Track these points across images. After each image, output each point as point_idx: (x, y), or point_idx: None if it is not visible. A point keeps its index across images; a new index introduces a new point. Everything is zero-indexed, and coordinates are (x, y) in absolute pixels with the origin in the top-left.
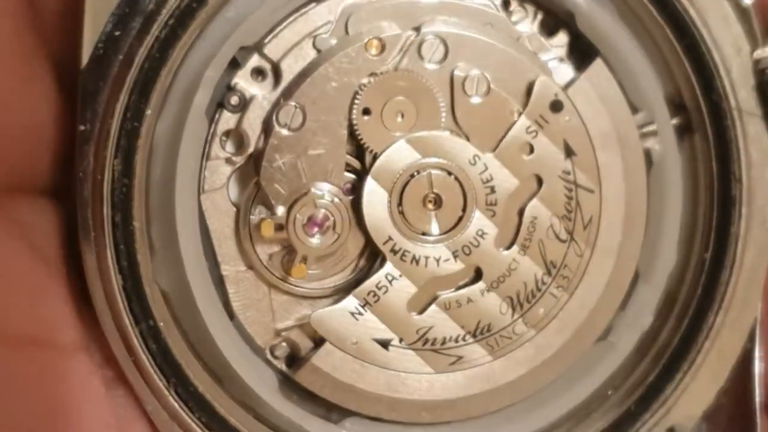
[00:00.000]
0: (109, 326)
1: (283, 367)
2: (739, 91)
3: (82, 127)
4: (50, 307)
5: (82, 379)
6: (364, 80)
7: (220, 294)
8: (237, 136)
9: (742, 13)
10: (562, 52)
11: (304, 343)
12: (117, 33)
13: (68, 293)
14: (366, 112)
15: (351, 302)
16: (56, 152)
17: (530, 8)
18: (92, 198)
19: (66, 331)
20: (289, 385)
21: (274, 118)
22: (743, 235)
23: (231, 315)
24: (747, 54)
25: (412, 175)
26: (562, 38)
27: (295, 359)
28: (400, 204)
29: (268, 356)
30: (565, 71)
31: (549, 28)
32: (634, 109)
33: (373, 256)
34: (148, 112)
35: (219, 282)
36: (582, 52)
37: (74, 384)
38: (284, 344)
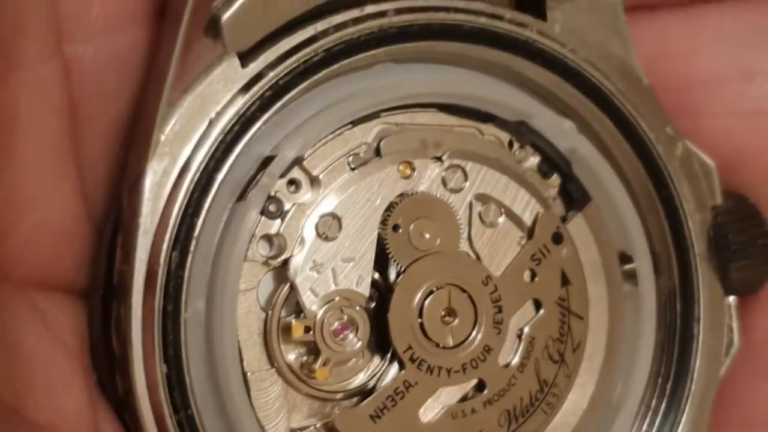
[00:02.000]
0: (147, 415)
1: None
2: (699, 240)
3: (140, 220)
4: (71, 397)
5: None
6: (395, 198)
7: (246, 390)
8: (273, 240)
9: (707, 173)
10: (555, 192)
11: None
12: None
13: (86, 386)
14: (396, 228)
15: (371, 405)
16: (77, 251)
17: (531, 150)
18: (146, 288)
19: (81, 424)
20: None
21: (313, 226)
22: (699, 370)
23: (254, 411)
24: (708, 209)
25: (432, 291)
26: (555, 180)
27: None
28: (420, 316)
29: None
30: (556, 209)
31: (544, 171)
32: (618, 248)
33: (387, 362)
34: (205, 207)
35: (244, 379)
36: (570, 195)
37: None
38: None
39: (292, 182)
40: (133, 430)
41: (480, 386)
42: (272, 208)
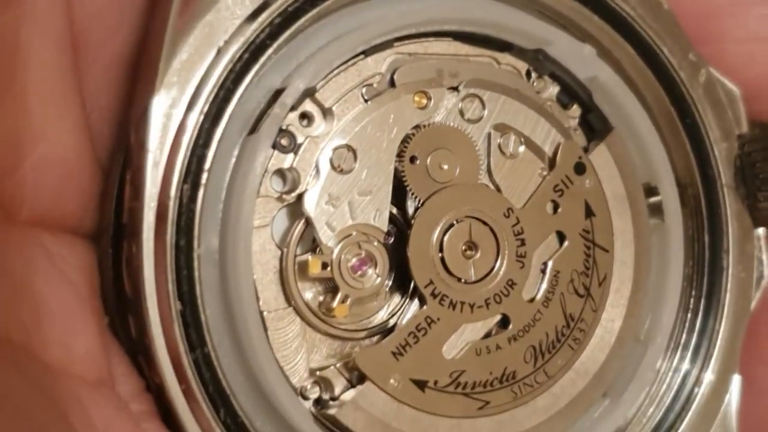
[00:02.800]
0: (162, 354)
1: (311, 408)
2: (726, 170)
3: (150, 153)
4: (82, 338)
5: (109, 414)
6: (412, 130)
7: (263, 330)
8: (287, 175)
9: (732, 100)
10: (575, 122)
11: (338, 384)
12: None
13: (97, 327)
14: (413, 159)
15: (393, 341)
16: (82, 191)
17: (549, 80)
18: (157, 222)
19: (95, 365)
20: (320, 426)
21: (327, 158)
22: (729, 304)
23: (271, 350)
24: (734, 138)
25: (453, 224)
26: (575, 110)
27: (325, 401)
28: (440, 250)
29: (299, 398)
30: (577, 140)
31: (563, 101)
32: (643, 180)
33: (408, 299)
34: (216, 137)
35: (261, 318)
36: (591, 125)
37: (100, 419)
38: (316, 385)
39: (305, 115)
40: (146, 370)
41: (504, 322)
42: (284, 141)
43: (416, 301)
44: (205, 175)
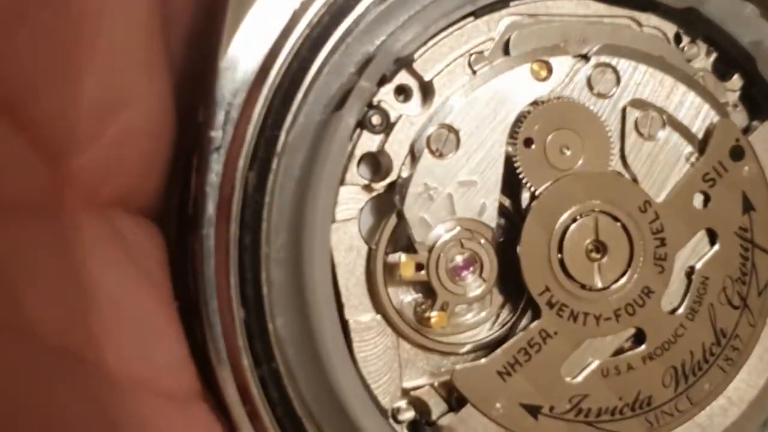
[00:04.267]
0: (224, 367)
1: None
2: None
3: (212, 134)
4: (164, 344)
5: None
6: (527, 107)
7: (345, 342)
8: (377, 159)
9: None
10: (735, 97)
11: (436, 406)
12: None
13: (179, 330)
14: (528, 143)
15: (499, 359)
16: (162, 168)
17: (703, 46)
18: (218, 215)
19: (181, 376)
20: None
21: (424, 141)
22: None
23: (356, 367)
24: None
25: (575, 219)
26: (736, 82)
27: (420, 425)
28: (560, 250)
29: (390, 420)
30: (737, 119)
31: (721, 71)
32: None
33: (518, 309)
34: (289, 119)
35: (344, 328)
36: (755, 101)
37: None
38: (410, 406)
39: (400, 89)
40: (211, 383)
41: (638, 337)
42: (375, 120)
43: (529, 312)
44: (275, 161)
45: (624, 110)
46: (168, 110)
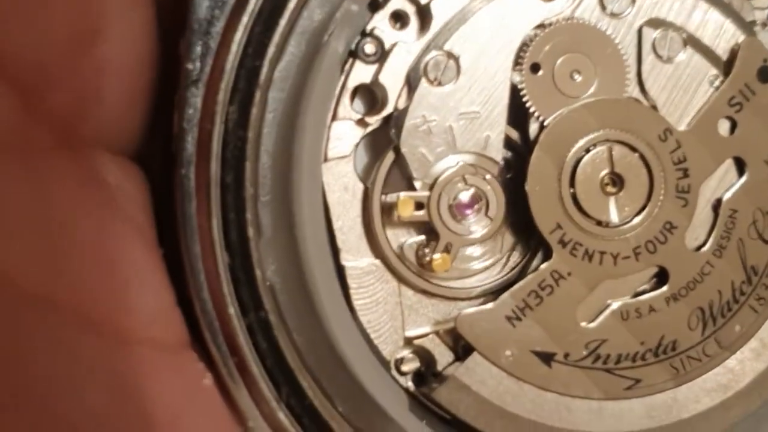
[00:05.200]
0: (209, 317)
1: (409, 384)
2: None
3: (189, 66)
4: (148, 292)
5: (191, 384)
6: (533, 30)
7: (342, 289)
8: (371, 92)
9: None
10: (764, 15)
11: (441, 356)
12: None
13: (165, 277)
14: (535, 68)
15: (507, 304)
16: (143, 105)
17: None
18: (198, 153)
19: (168, 325)
20: (417, 405)
21: (421, 69)
22: None
23: (353, 315)
24: None
25: (588, 150)
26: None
27: (425, 376)
28: (572, 185)
29: (393, 371)
30: (765, 39)
31: None
32: None
33: (529, 249)
34: (272, 49)
35: (339, 274)
36: None
37: (184, 391)
38: (414, 356)
39: (396, 15)
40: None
41: (661, 277)
42: (368, 48)
43: (540, 253)
44: (258, 93)
45: (640, 30)
46: (149, 41)
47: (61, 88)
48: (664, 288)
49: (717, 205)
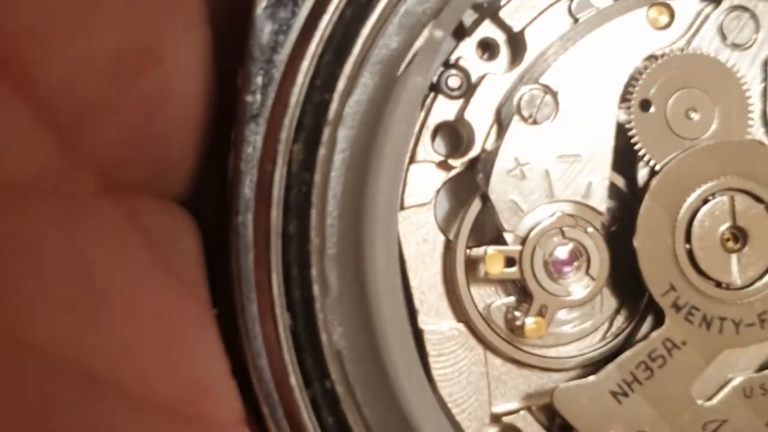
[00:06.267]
0: (267, 388)
1: None
2: None
3: (248, 98)
4: (197, 359)
5: None
6: (643, 62)
7: (419, 357)
8: (456, 130)
9: None
10: None
11: None
12: None
13: (218, 339)
14: (645, 105)
15: (613, 377)
16: (196, 142)
17: None
18: (257, 198)
19: (220, 398)
20: None
21: (514, 105)
22: None
23: (432, 387)
24: None
25: (707, 200)
26: None
27: None
28: (687, 240)
29: None
30: None
31: None
32: None
33: (636, 314)
34: (343, 80)
35: (416, 339)
36: None
37: None
38: None
39: (484, 44)
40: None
41: None
42: (453, 81)
43: (650, 318)
44: (327, 131)
45: (766, 64)
46: (204, 69)
47: (104, 126)
48: None
49: None
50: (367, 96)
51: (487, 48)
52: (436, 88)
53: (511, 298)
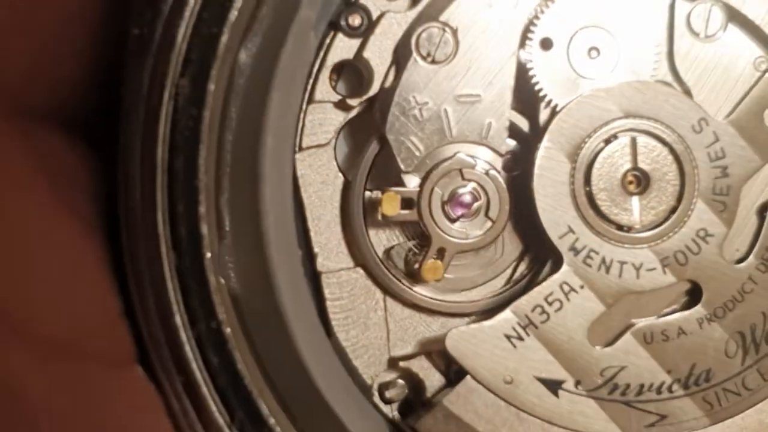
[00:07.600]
0: (153, 326)
1: (394, 414)
2: None
3: (136, 31)
4: (93, 297)
5: (135, 403)
6: (545, 0)
7: (315, 300)
8: (356, 69)
9: None
10: None
11: (431, 380)
12: None
13: (110, 276)
14: (546, 44)
15: (508, 321)
16: (91, 69)
17: None
18: (144, 133)
19: (113, 335)
20: None
21: (412, 43)
22: None
23: (328, 331)
24: None
25: (608, 141)
26: None
27: (413, 403)
28: (587, 182)
29: (376, 398)
30: None
31: None
32: None
33: (538, 259)
34: (234, 14)
35: (314, 282)
36: None
37: (131, 412)
38: (401, 381)
39: None
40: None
41: (693, 294)
42: (354, 20)
43: (549, 262)
44: (216, 65)
45: (673, 3)
46: None
47: (9, 49)
48: (697, 307)
49: (762, 210)
50: (261, 31)
51: None
52: (335, 26)
53: (411, 241)
